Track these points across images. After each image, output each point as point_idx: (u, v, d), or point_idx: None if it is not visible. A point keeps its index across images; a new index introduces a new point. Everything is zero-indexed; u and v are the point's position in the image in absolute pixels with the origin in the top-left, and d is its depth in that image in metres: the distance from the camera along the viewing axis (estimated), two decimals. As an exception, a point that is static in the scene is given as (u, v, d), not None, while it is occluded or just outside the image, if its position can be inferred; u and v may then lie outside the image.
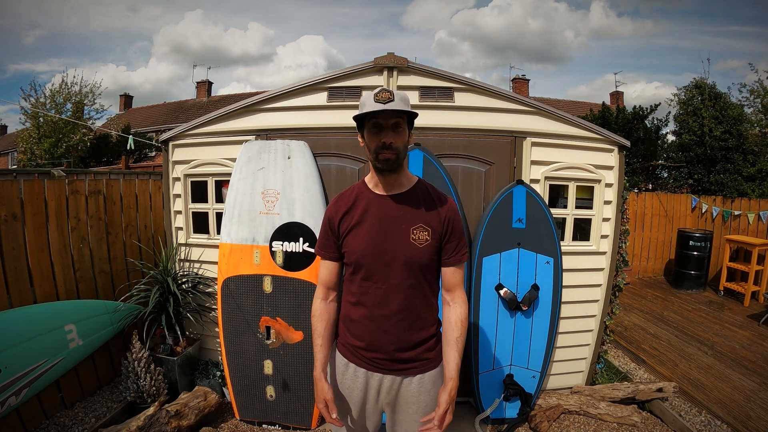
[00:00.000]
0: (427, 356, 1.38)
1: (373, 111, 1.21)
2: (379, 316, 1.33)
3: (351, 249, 1.35)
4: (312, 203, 2.48)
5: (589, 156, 2.72)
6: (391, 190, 1.36)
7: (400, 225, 1.32)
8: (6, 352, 2.08)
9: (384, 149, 1.25)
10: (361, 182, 1.43)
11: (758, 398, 2.91)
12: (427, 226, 1.33)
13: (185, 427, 2.31)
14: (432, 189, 1.41)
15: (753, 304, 5.13)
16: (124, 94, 22.14)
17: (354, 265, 1.36)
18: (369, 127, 1.27)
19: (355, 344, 1.39)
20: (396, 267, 1.31)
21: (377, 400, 1.41)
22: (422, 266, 1.33)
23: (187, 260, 2.93)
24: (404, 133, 1.28)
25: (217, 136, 2.77)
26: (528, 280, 2.56)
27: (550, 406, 2.63)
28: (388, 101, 1.21)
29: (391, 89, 1.24)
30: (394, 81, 2.54)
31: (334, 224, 1.39)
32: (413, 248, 1.31)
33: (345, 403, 1.44)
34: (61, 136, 11.98)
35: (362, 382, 1.39)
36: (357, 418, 1.44)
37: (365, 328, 1.36)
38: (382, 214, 1.34)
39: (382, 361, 1.36)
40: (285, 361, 2.49)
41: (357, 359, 1.39)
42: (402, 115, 1.25)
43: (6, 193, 2.31)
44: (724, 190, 7.13)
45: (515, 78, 18.44)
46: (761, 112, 8.61)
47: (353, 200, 1.38)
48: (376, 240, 1.32)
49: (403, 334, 1.34)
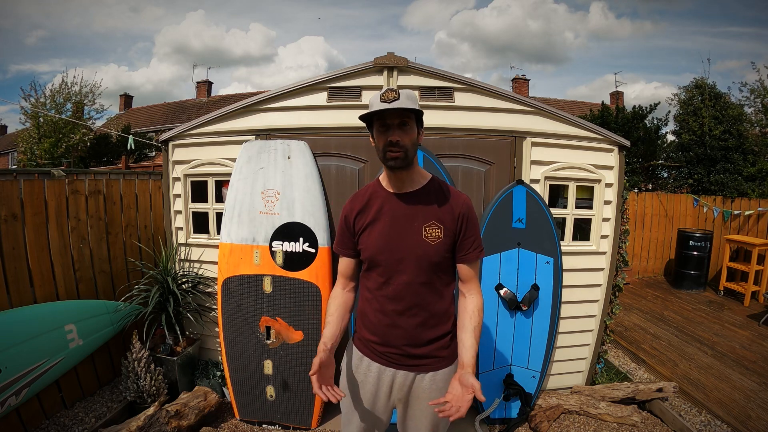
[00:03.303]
0: (440, 354, 1.39)
1: (379, 110, 1.23)
2: (391, 311, 1.36)
3: (366, 246, 1.38)
4: (312, 203, 2.48)
5: (589, 156, 2.72)
6: (403, 188, 1.38)
7: (413, 222, 1.34)
8: (6, 352, 2.08)
9: (391, 147, 1.27)
10: (375, 181, 1.46)
11: (758, 398, 2.91)
12: (439, 224, 1.34)
13: (185, 427, 2.31)
14: (445, 186, 1.42)
15: (753, 304, 5.13)
16: (124, 94, 22.11)
17: (369, 262, 1.39)
18: (377, 126, 1.30)
19: (369, 338, 1.42)
20: (408, 264, 1.33)
21: (389, 396, 1.43)
22: (434, 264, 1.34)
23: (187, 260, 2.93)
24: (412, 131, 1.30)
25: (217, 136, 2.77)
26: (528, 280, 2.56)
27: (550, 406, 2.63)
28: (394, 100, 1.23)
29: (396, 89, 1.26)
30: (394, 81, 2.54)
31: (350, 222, 1.42)
32: (425, 245, 1.33)
33: (357, 397, 1.46)
34: (61, 136, 11.97)
35: (375, 376, 1.41)
36: (366, 413, 1.46)
37: (379, 323, 1.38)
38: (395, 211, 1.36)
39: (395, 356, 1.38)
40: (285, 361, 2.49)
41: (371, 353, 1.42)
42: (409, 113, 1.27)
43: (6, 193, 2.31)
44: (724, 190, 7.13)
45: (515, 78, 18.43)
46: (761, 112, 8.60)
47: (368, 198, 1.41)
48: (389, 237, 1.34)
49: (414, 331, 1.36)
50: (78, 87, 12.78)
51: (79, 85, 12.81)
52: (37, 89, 12.34)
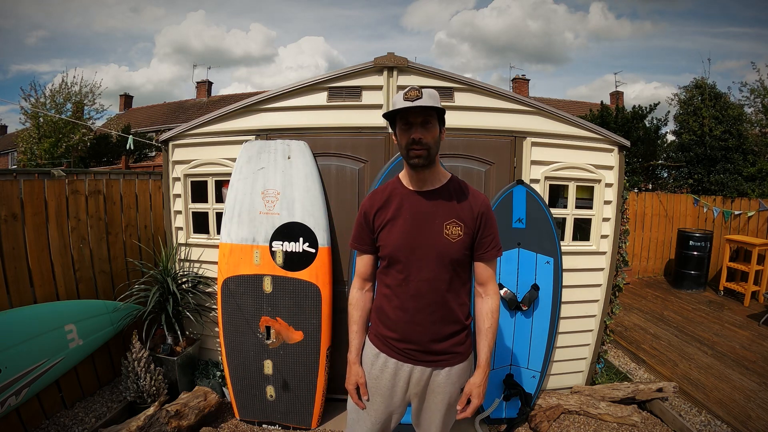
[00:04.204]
0: (457, 350, 1.41)
1: (402, 108, 1.25)
2: (411, 308, 1.37)
3: (385, 243, 1.40)
4: (312, 203, 2.48)
5: (589, 156, 2.72)
6: (424, 186, 1.40)
7: (434, 220, 1.36)
8: (6, 352, 2.08)
9: (414, 145, 1.29)
10: (395, 178, 1.47)
11: (758, 398, 2.91)
12: (459, 222, 1.36)
13: (185, 427, 2.31)
14: (465, 185, 1.44)
15: (753, 304, 5.13)
16: (123, 94, 22.11)
17: (388, 259, 1.40)
18: (400, 125, 1.32)
19: (387, 335, 1.43)
20: (428, 261, 1.35)
21: (405, 391, 1.44)
22: (454, 261, 1.36)
23: (187, 260, 2.93)
24: (434, 129, 1.32)
25: (217, 136, 2.77)
26: (528, 280, 2.56)
27: (550, 406, 2.63)
28: (417, 99, 1.25)
29: (419, 87, 1.27)
30: (394, 81, 2.54)
31: (369, 219, 1.43)
32: (446, 243, 1.34)
33: (372, 391, 1.47)
34: (61, 136, 11.97)
35: (391, 372, 1.43)
36: (380, 408, 1.47)
37: (398, 320, 1.40)
38: (416, 209, 1.38)
39: (415, 352, 1.39)
40: (285, 361, 2.49)
41: (388, 349, 1.43)
42: (432, 112, 1.29)
43: (6, 193, 2.31)
44: (724, 190, 7.13)
45: (515, 78, 18.42)
46: (761, 112, 8.60)
47: (388, 195, 1.43)
48: (409, 235, 1.36)
49: (434, 327, 1.38)
50: (78, 87, 12.80)
51: (79, 85, 12.83)
52: (37, 89, 12.37)
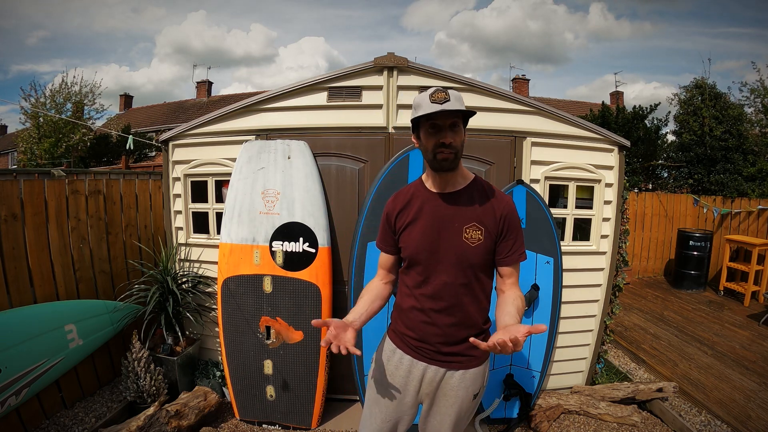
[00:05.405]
0: (473, 353, 1.39)
1: (432, 112, 1.22)
2: (429, 309, 1.37)
3: (406, 245, 1.40)
4: (312, 203, 2.48)
5: (589, 156, 2.72)
6: (445, 188, 1.38)
7: (453, 223, 1.34)
8: (6, 352, 2.08)
9: (443, 148, 1.28)
10: (418, 180, 1.47)
11: (758, 398, 2.91)
12: (480, 225, 1.33)
13: (185, 427, 2.31)
14: (489, 186, 1.41)
15: (753, 304, 5.13)
16: (124, 94, 22.11)
17: (409, 260, 1.40)
18: (426, 127, 1.29)
19: (404, 332, 1.44)
20: (447, 264, 1.34)
21: (418, 390, 1.44)
22: (474, 265, 1.34)
23: (187, 260, 2.93)
24: (461, 131, 1.30)
25: (217, 136, 2.77)
26: (528, 280, 2.56)
27: (550, 406, 2.63)
28: (445, 101, 1.23)
29: (446, 89, 1.25)
30: (394, 81, 2.54)
31: (392, 220, 1.44)
32: (465, 247, 1.33)
33: (384, 388, 1.47)
34: (61, 136, 11.97)
35: (406, 368, 1.43)
36: (392, 405, 1.47)
37: (415, 319, 1.40)
38: (436, 212, 1.37)
39: (428, 351, 1.39)
40: (285, 361, 2.49)
41: (405, 346, 1.44)
42: (459, 115, 1.28)
43: (6, 193, 2.31)
44: (724, 190, 7.14)
45: (515, 78, 18.42)
46: (761, 112, 8.60)
47: (409, 198, 1.42)
48: (429, 237, 1.35)
49: (450, 329, 1.37)
50: (78, 87, 12.80)
51: (79, 85, 12.83)
52: (37, 89, 12.37)
